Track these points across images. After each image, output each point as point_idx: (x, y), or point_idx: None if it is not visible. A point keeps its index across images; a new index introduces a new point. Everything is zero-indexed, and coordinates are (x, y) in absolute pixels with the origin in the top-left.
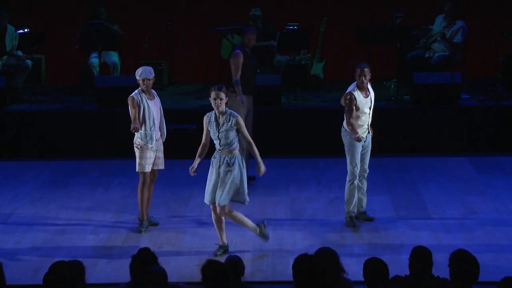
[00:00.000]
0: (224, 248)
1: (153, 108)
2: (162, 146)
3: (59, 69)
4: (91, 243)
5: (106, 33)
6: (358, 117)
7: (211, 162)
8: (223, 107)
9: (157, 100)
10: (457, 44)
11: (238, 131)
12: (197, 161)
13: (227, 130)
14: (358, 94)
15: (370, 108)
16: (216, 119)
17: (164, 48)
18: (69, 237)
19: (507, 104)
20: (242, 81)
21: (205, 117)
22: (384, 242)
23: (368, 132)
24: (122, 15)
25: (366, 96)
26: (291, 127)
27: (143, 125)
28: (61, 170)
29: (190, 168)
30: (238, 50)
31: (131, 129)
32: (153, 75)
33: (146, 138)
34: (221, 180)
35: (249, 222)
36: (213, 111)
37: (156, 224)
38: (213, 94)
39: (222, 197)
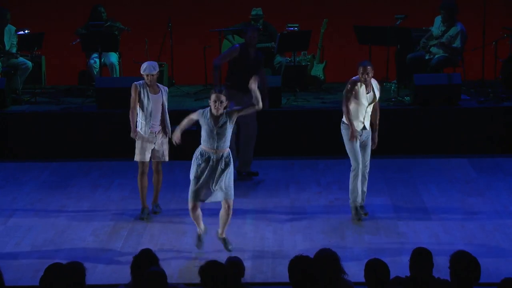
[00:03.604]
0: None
1: (153, 102)
2: (164, 140)
3: (59, 70)
4: (91, 244)
5: (105, 34)
6: (355, 108)
7: (201, 159)
8: (221, 110)
9: (160, 95)
10: (456, 49)
11: (238, 113)
12: (179, 130)
13: (225, 128)
14: (360, 85)
15: (369, 104)
16: (213, 118)
17: (164, 49)
18: (69, 238)
19: (507, 106)
20: (233, 77)
21: (199, 113)
22: (384, 243)
23: (364, 128)
24: (122, 16)
25: (367, 92)
26: (291, 128)
27: (141, 114)
28: (61, 171)
29: (174, 138)
30: (237, 45)
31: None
32: (157, 70)
33: (140, 126)
34: (218, 176)
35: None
36: (208, 108)
37: (156, 213)
38: (213, 97)
39: (230, 192)
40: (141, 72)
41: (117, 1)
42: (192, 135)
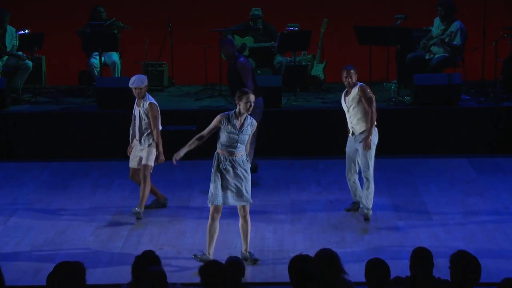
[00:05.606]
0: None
1: (136, 114)
2: (143, 150)
3: (60, 70)
4: (91, 244)
5: (106, 34)
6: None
7: (221, 166)
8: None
9: (138, 109)
10: (457, 47)
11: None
12: (185, 150)
13: (247, 134)
14: (343, 94)
15: (350, 108)
16: (239, 122)
17: (165, 49)
18: (69, 238)
19: (507, 106)
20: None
21: (221, 116)
22: (384, 243)
23: (353, 133)
24: (122, 16)
25: (346, 96)
26: (291, 128)
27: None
28: (61, 172)
29: (174, 155)
30: (242, 58)
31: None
32: (145, 84)
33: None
34: (237, 179)
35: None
36: (232, 113)
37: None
38: (245, 98)
39: (248, 196)
40: (129, 85)
41: (117, 1)
42: (191, 135)
